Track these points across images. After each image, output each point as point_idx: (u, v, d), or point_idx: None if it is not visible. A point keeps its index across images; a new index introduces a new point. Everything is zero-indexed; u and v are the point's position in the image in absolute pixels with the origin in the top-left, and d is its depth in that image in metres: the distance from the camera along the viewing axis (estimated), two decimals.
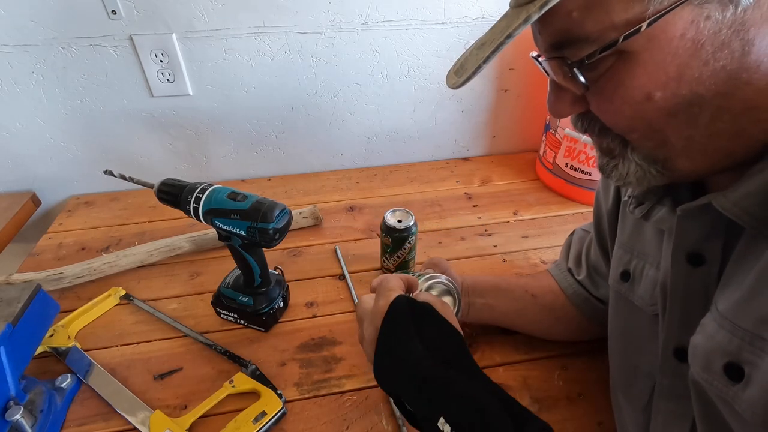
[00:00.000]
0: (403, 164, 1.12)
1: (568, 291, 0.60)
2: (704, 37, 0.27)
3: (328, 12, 0.88)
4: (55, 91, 0.89)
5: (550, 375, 0.60)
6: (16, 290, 0.55)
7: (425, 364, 0.38)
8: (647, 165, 0.33)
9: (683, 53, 0.28)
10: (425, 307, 0.42)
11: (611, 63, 0.30)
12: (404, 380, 0.39)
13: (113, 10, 0.81)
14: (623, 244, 0.47)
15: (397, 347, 0.40)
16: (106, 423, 0.55)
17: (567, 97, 0.35)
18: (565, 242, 0.66)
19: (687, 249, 0.36)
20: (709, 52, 0.27)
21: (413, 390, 0.38)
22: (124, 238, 0.88)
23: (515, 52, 1.00)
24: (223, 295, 0.67)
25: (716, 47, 0.27)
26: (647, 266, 0.43)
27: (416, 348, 0.39)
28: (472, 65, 0.35)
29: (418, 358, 0.38)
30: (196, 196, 0.58)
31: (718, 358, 0.31)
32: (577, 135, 0.86)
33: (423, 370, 0.38)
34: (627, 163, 0.34)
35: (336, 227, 0.90)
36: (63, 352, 0.63)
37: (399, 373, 0.39)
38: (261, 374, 0.59)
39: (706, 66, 0.28)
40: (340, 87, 0.98)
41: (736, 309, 0.30)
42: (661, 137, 0.31)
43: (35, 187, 1.00)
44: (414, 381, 0.38)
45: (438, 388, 0.37)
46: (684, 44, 0.27)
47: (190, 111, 0.96)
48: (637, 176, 0.34)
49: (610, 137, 0.34)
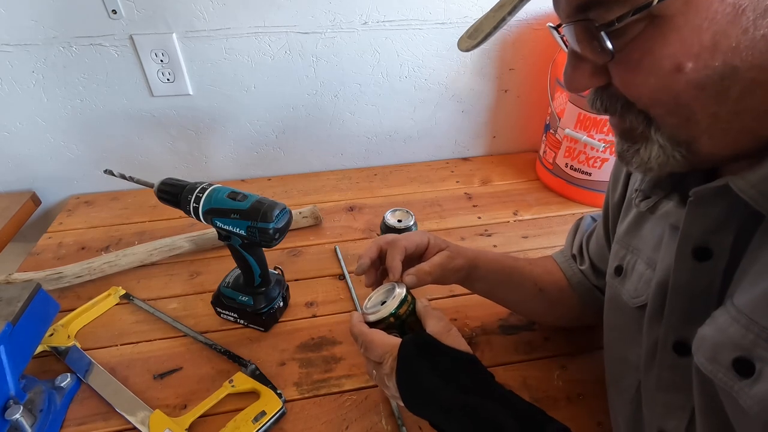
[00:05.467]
0: (403, 164, 1.12)
1: (572, 280, 0.60)
2: (746, 1, 0.25)
3: (329, 12, 0.88)
4: (56, 91, 0.89)
5: (550, 375, 0.60)
6: (16, 290, 0.55)
7: (445, 397, 0.41)
8: (671, 148, 0.31)
9: (722, 19, 0.26)
10: (431, 342, 0.44)
11: (641, 28, 0.28)
12: (432, 412, 0.43)
13: (113, 9, 0.81)
14: (620, 240, 0.47)
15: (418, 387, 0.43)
16: (106, 422, 0.55)
17: (587, 67, 0.32)
18: (572, 227, 0.64)
19: (694, 242, 0.34)
20: (750, 18, 0.25)
21: (442, 419, 0.42)
22: (124, 238, 0.88)
23: (515, 52, 1.00)
24: (223, 295, 0.67)
25: (758, 14, 0.25)
26: (639, 261, 0.44)
27: (434, 383, 0.42)
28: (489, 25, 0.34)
29: (438, 391, 0.41)
30: (196, 196, 0.58)
31: (728, 351, 0.30)
32: (578, 135, 0.86)
33: (445, 402, 0.41)
34: (650, 146, 0.32)
35: (336, 227, 0.90)
36: (63, 351, 0.63)
37: (425, 407, 0.43)
38: (261, 374, 0.59)
39: (746, 34, 0.25)
40: (340, 87, 0.98)
41: (755, 304, 0.29)
42: (686, 113, 0.29)
43: (35, 187, 1.01)
44: (441, 412, 0.42)
45: (460, 417, 0.40)
46: (724, 9, 0.25)
47: (190, 111, 0.96)
48: (659, 161, 0.32)
49: (633, 114, 0.32)
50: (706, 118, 0.29)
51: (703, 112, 0.29)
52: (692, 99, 0.28)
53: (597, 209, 0.92)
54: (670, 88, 0.29)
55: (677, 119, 0.30)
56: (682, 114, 0.30)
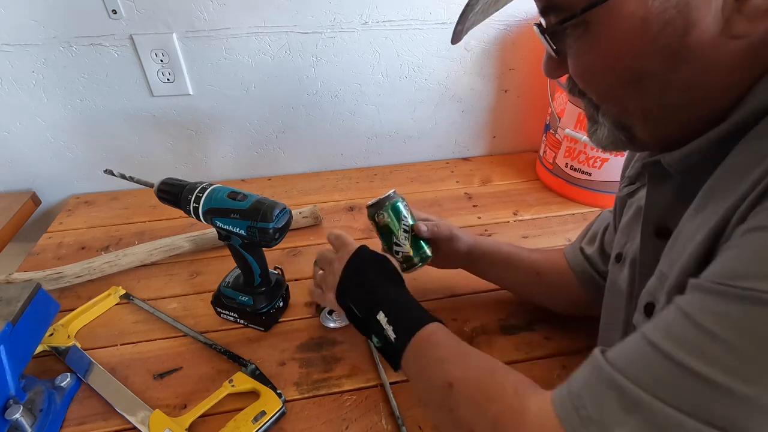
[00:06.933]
0: (403, 164, 1.12)
1: (576, 269, 0.61)
2: (651, 15, 0.29)
3: (329, 12, 0.88)
4: (56, 91, 0.89)
5: (550, 375, 0.60)
6: (16, 289, 0.55)
7: (376, 282, 0.52)
8: (616, 131, 0.37)
9: (633, 29, 0.30)
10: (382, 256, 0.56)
11: (580, 32, 0.33)
12: (359, 292, 0.52)
13: (114, 9, 0.81)
14: (622, 228, 0.48)
15: (358, 273, 0.54)
16: (106, 422, 0.55)
17: (553, 59, 0.37)
18: (590, 222, 0.66)
19: (655, 221, 0.39)
20: (654, 29, 0.29)
21: (365, 297, 0.51)
22: (124, 238, 0.88)
23: (515, 52, 1.00)
24: (223, 295, 0.67)
25: (661, 26, 0.29)
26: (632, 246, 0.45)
27: (373, 273, 0.53)
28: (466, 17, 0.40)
29: (373, 277, 0.53)
30: (196, 196, 0.58)
31: (644, 299, 0.36)
32: (578, 135, 0.86)
33: (373, 284, 0.52)
34: (602, 128, 0.38)
35: (336, 227, 0.90)
36: (63, 351, 0.63)
37: (357, 287, 0.53)
38: (261, 374, 0.59)
39: (653, 43, 0.30)
40: (340, 87, 0.98)
41: (664, 258, 0.35)
42: (620, 104, 0.35)
43: (35, 187, 1.01)
44: (366, 291, 0.52)
45: (380, 294, 0.51)
46: (634, 20, 0.30)
47: (190, 111, 0.96)
48: (609, 140, 0.37)
49: (586, 100, 0.38)
50: (637, 110, 0.34)
51: (634, 105, 0.34)
52: (623, 94, 0.34)
53: (597, 209, 0.92)
54: (603, 82, 0.34)
55: (615, 108, 0.36)
56: (618, 105, 0.35)
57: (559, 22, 0.32)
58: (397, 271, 0.55)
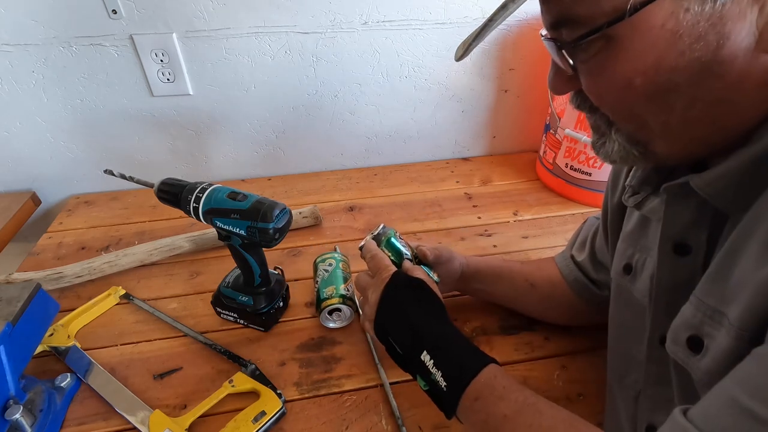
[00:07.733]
0: (403, 164, 1.12)
1: (568, 278, 0.61)
2: (682, 28, 0.28)
3: (329, 12, 0.88)
4: (56, 91, 0.89)
5: (550, 375, 0.60)
6: (15, 289, 0.55)
7: (415, 315, 0.48)
8: (629, 146, 0.35)
9: (662, 43, 0.29)
10: (418, 281, 0.52)
11: (600, 47, 0.31)
12: (399, 327, 0.48)
13: (114, 9, 0.81)
14: (627, 238, 0.47)
15: (397, 305, 0.50)
16: (106, 422, 0.55)
17: (563, 74, 0.36)
18: (576, 229, 0.67)
19: (673, 239, 0.37)
20: (686, 43, 0.28)
21: (405, 334, 0.47)
22: (124, 238, 0.88)
23: (515, 52, 1.00)
24: (223, 295, 0.67)
25: (693, 39, 0.28)
26: (648, 260, 0.44)
27: (411, 305, 0.49)
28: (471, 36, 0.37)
29: (412, 311, 0.49)
30: (196, 196, 0.58)
31: (684, 331, 0.34)
32: (578, 135, 0.86)
33: (411, 319, 0.48)
34: (611, 142, 0.36)
35: (336, 227, 0.90)
36: (63, 351, 0.63)
37: (395, 322, 0.49)
38: (261, 374, 0.59)
39: (682, 56, 0.29)
40: (340, 87, 0.98)
41: (705, 288, 0.33)
42: (640, 120, 0.33)
43: (35, 187, 1.01)
44: (406, 327, 0.47)
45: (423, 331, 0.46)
46: (663, 34, 0.28)
47: (190, 111, 0.96)
48: (620, 155, 0.36)
49: (598, 115, 0.36)
50: (657, 125, 0.33)
51: (655, 121, 0.32)
52: (643, 109, 0.32)
53: (596, 209, 0.92)
54: (624, 99, 0.32)
55: (632, 125, 0.34)
56: (636, 121, 0.33)
57: (580, 37, 0.31)
58: (438, 298, 0.51)
